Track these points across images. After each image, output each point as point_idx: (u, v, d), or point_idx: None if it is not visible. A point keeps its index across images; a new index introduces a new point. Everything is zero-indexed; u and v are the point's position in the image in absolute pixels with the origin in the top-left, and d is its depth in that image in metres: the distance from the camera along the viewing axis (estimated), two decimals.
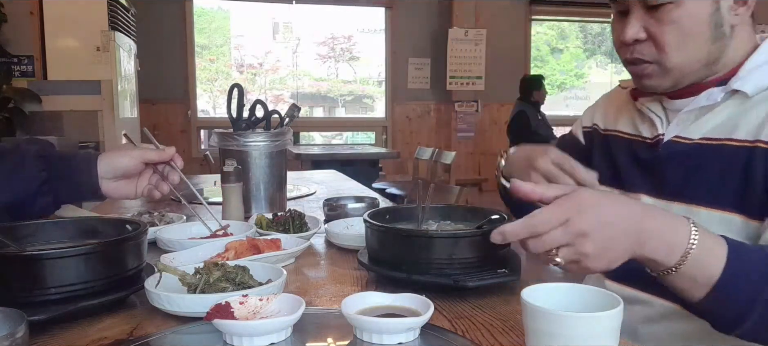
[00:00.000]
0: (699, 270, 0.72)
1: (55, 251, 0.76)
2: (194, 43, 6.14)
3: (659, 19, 0.88)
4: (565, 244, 0.69)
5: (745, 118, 0.88)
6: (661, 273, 0.74)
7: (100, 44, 4.15)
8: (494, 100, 6.67)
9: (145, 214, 1.40)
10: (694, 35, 0.88)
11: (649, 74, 0.93)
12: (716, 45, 0.89)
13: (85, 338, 0.71)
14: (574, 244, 0.69)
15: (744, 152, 0.86)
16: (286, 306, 0.72)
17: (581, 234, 0.69)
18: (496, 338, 0.72)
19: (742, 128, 0.88)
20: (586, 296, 0.63)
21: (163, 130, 6.01)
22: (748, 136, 0.87)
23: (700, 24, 0.87)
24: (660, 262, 0.73)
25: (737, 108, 0.90)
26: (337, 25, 6.76)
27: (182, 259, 0.96)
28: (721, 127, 0.90)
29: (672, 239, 0.72)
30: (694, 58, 0.89)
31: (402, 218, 1.02)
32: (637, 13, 0.90)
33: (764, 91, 0.88)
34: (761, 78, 0.88)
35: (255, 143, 1.51)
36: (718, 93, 0.90)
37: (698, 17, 0.87)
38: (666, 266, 0.73)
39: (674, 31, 0.88)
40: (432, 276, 0.85)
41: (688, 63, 0.90)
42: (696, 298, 0.75)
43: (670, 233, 0.72)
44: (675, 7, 0.87)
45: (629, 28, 0.90)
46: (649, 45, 0.90)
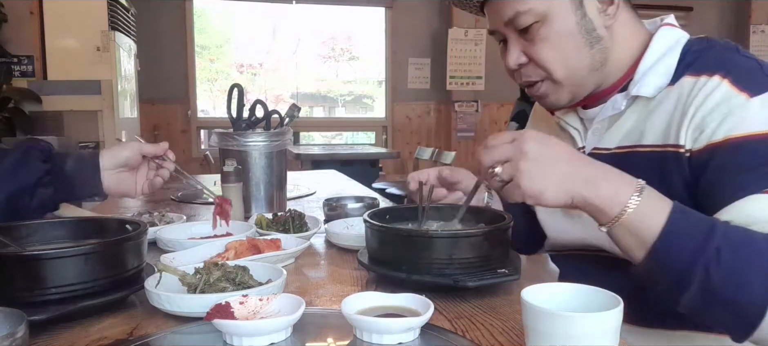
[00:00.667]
0: (639, 225, 0.73)
1: (55, 251, 0.76)
2: (194, 43, 6.13)
3: (532, 40, 0.90)
4: (506, 159, 0.75)
5: (650, 122, 0.88)
6: (606, 226, 0.75)
7: (100, 44, 4.15)
8: (494, 100, 6.66)
9: (145, 214, 1.40)
10: (568, 47, 0.89)
11: (545, 93, 0.95)
12: (596, 49, 0.90)
13: (85, 338, 0.71)
14: (514, 159, 0.74)
15: (655, 157, 0.87)
16: (286, 306, 0.72)
17: (523, 152, 0.74)
18: (496, 338, 0.72)
19: (649, 133, 0.88)
20: (586, 296, 0.63)
21: (163, 130, 6.00)
22: (656, 141, 0.87)
23: (571, 35, 0.88)
24: (604, 209, 0.74)
25: (642, 112, 0.90)
26: (337, 25, 6.76)
27: (182, 259, 0.96)
28: (631, 134, 0.91)
29: (617, 187, 0.74)
30: (578, 67, 0.90)
31: (402, 218, 1.02)
32: (512, 39, 0.92)
33: (663, 89, 0.88)
34: (656, 78, 0.88)
35: (255, 143, 1.51)
36: (621, 100, 0.91)
37: (566, 29, 0.88)
38: (610, 214, 0.74)
39: (548, 47, 0.89)
40: (432, 276, 0.85)
41: (575, 73, 0.91)
42: (637, 259, 0.76)
43: (616, 182, 0.75)
44: (541, 26, 0.88)
45: (509, 55, 0.93)
46: (533, 66, 0.92)
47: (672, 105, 0.86)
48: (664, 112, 0.87)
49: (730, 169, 0.78)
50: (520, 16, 0.88)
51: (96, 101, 4.12)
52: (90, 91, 4.11)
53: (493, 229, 0.88)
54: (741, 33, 6.91)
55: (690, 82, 0.85)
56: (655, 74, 0.88)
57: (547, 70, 0.91)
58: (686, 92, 0.85)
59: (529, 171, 0.74)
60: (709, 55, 0.86)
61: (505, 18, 0.90)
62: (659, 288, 0.77)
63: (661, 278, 0.75)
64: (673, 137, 0.85)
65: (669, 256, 0.73)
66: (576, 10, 0.88)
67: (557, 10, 0.87)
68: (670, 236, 0.72)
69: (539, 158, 0.74)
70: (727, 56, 0.85)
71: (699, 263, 0.71)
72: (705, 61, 0.86)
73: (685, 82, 0.86)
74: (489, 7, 0.94)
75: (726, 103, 0.80)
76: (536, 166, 0.74)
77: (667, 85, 0.88)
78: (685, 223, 0.73)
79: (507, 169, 0.75)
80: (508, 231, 0.92)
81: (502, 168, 0.75)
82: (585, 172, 0.75)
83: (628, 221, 0.73)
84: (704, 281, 0.71)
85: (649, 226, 0.73)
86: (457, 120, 6.58)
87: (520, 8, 0.88)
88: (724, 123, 0.79)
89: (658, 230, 0.73)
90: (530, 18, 0.88)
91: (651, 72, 0.89)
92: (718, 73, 0.82)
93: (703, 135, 0.81)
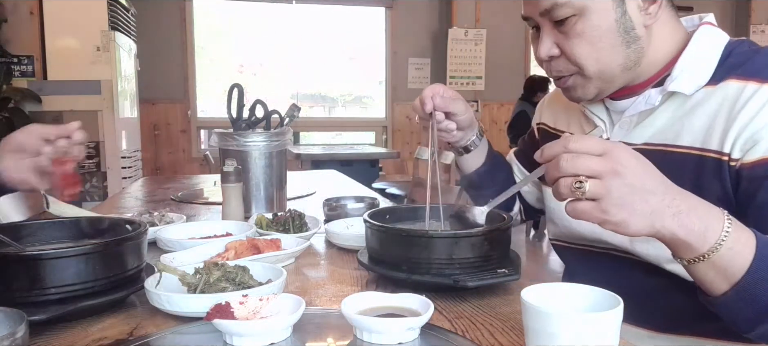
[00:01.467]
0: (728, 262, 0.69)
1: (55, 251, 0.76)
2: (194, 43, 6.13)
3: (566, 34, 0.87)
4: (595, 175, 0.65)
5: (689, 122, 0.86)
6: (689, 261, 0.70)
7: (100, 44, 4.15)
8: (494, 100, 6.67)
9: (145, 214, 1.40)
10: (604, 44, 0.86)
11: (573, 86, 0.92)
12: (632, 48, 0.87)
13: (86, 338, 0.71)
14: (604, 178, 0.65)
15: (692, 159, 0.84)
16: (286, 306, 0.72)
17: (616, 171, 0.65)
18: (496, 338, 0.72)
19: (686, 133, 0.85)
20: (586, 296, 0.63)
21: (163, 130, 6.01)
22: (694, 143, 0.84)
23: (608, 32, 0.85)
24: (692, 245, 0.68)
25: (678, 110, 0.87)
26: (337, 25, 6.76)
27: (182, 259, 0.96)
28: (665, 132, 0.88)
29: (707, 221, 0.68)
30: (611, 65, 0.87)
31: (402, 218, 1.02)
32: (546, 29, 0.89)
33: (702, 88, 0.85)
34: (696, 75, 0.85)
35: (255, 143, 1.51)
36: (656, 96, 0.88)
37: (604, 26, 0.85)
38: (698, 251, 0.68)
39: (583, 43, 0.86)
40: (432, 276, 0.85)
41: (607, 70, 0.88)
42: (719, 292, 0.71)
43: (705, 215, 0.69)
44: (578, 20, 0.85)
45: (541, 45, 0.90)
46: (564, 60, 0.89)
47: (714, 108, 0.83)
48: (704, 113, 0.84)
49: None
50: (557, 7, 0.85)
51: (96, 101, 4.13)
52: (90, 91, 4.11)
53: (493, 229, 0.88)
54: (741, 33, 6.91)
55: (737, 87, 0.82)
56: (695, 72, 0.85)
57: (580, 65, 0.88)
58: (732, 97, 0.82)
59: (620, 197, 0.65)
60: (757, 61, 0.83)
61: (541, 7, 0.87)
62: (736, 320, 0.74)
63: (742, 311, 0.72)
64: (716, 143, 0.82)
65: (756, 292, 0.69)
66: (617, 6, 0.84)
67: (597, 5, 0.84)
68: (759, 272, 0.69)
69: (635, 185, 0.65)
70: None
71: None
72: (753, 67, 0.82)
73: (731, 86, 0.83)
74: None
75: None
76: (630, 193, 0.65)
77: (706, 85, 0.85)
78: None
79: (594, 187, 0.65)
80: (509, 231, 0.92)
81: (589, 184, 0.65)
82: (677, 203, 0.67)
83: (718, 257, 0.68)
84: None
85: (737, 263, 0.69)
86: None
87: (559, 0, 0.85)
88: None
89: (746, 267, 0.69)
90: (568, 10, 0.85)
91: (690, 69, 0.86)
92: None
93: (758, 147, 0.78)
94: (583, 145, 0.66)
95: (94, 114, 4.14)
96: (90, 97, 4.12)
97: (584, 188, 0.65)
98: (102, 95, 4.14)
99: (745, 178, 0.79)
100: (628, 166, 0.65)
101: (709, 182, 0.82)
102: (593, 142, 0.67)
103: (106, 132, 4.18)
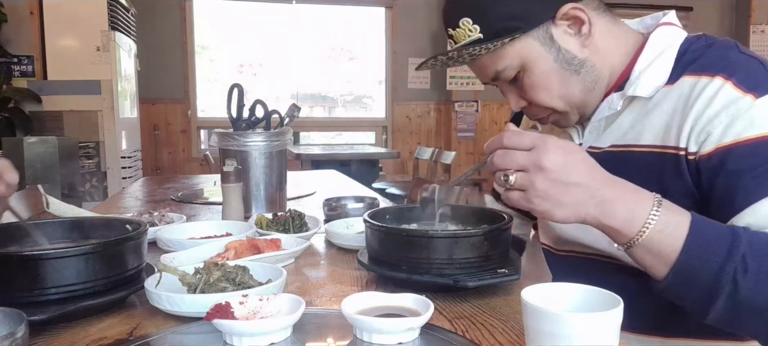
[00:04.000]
0: (659, 244, 0.72)
1: (55, 251, 0.76)
2: (194, 43, 6.13)
3: (522, 88, 0.92)
4: (522, 168, 0.72)
5: (649, 122, 0.88)
6: (624, 246, 0.75)
7: (100, 44, 4.15)
8: (494, 100, 6.66)
9: (145, 214, 1.40)
10: (556, 83, 0.90)
11: (555, 121, 0.97)
12: (582, 73, 0.90)
13: (85, 338, 0.71)
14: (530, 172, 0.72)
15: (653, 158, 0.86)
16: (286, 306, 0.72)
17: (539, 166, 0.71)
18: (496, 338, 0.72)
19: (647, 133, 0.87)
20: (586, 296, 0.63)
21: (163, 130, 6.01)
22: (654, 141, 0.86)
23: (553, 73, 0.89)
24: (619, 231, 0.73)
25: (639, 112, 0.89)
26: (337, 25, 6.76)
27: (182, 259, 0.96)
28: (628, 134, 0.90)
29: (633, 207, 0.72)
30: (572, 94, 0.91)
31: (402, 218, 1.02)
32: (507, 89, 0.95)
33: (661, 89, 0.87)
34: (653, 77, 0.87)
35: (255, 143, 1.51)
36: (617, 100, 0.90)
37: (546, 70, 0.89)
38: (627, 236, 0.73)
39: (538, 90, 0.91)
40: (432, 276, 0.85)
41: (572, 100, 0.92)
42: (660, 275, 0.74)
43: (632, 202, 0.73)
44: (524, 75, 0.90)
45: (511, 102, 0.95)
46: (535, 107, 0.94)
47: (671, 106, 0.85)
48: (662, 112, 0.86)
49: (744, 172, 0.77)
50: (500, 73, 0.91)
51: (96, 101, 4.13)
52: (90, 91, 4.11)
53: (493, 229, 0.88)
54: (741, 33, 6.91)
55: (690, 83, 0.84)
56: (652, 74, 0.87)
57: (548, 108, 0.93)
58: (686, 93, 0.84)
59: (543, 190, 0.72)
60: (709, 55, 0.85)
61: (489, 76, 0.93)
62: (685, 303, 0.76)
63: (686, 293, 0.74)
64: (673, 139, 0.84)
65: (693, 270, 0.71)
66: (550, 48, 0.88)
67: (533, 56, 0.88)
68: (693, 250, 0.71)
69: (557, 179, 0.71)
70: (728, 55, 0.84)
71: (726, 274, 0.70)
72: (705, 61, 0.84)
73: (685, 83, 0.85)
74: (472, 67, 0.95)
75: (733, 105, 0.78)
76: (551, 186, 0.71)
77: (665, 85, 0.87)
78: (707, 235, 0.72)
79: (520, 179, 0.73)
80: (508, 231, 0.92)
81: (515, 177, 0.73)
82: (601, 193, 0.72)
83: (647, 241, 0.72)
84: (732, 292, 0.70)
85: (669, 243, 0.72)
86: (457, 120, 6.58)
87: (498, 67, 0.90)
88: (732, 126, 0.78)
89: (679, 246, 0.71)
90: (511, 72, 0.90)
91: (647, 72, 0.88)
92: (720, 74, 0.81)
93: (711, 139, 0.79)
94: (515, 140, 0.74)
95: (94, 114, 4.14)
96: (90, 97, 4.12)
97: (511, 180, 0.73)
98: (102, 95, 4.14)
99: (703, 170, 0.81)
100: (552, 160, 0.71)
101: (671, 179, 0.84)
102: (525, 138, 0.73)
103: (106, 132, 4.18)
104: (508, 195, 0.75)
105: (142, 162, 5.17)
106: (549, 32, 0.87)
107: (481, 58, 0.90)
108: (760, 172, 0.76)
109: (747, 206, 0.76)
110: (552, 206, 0.72)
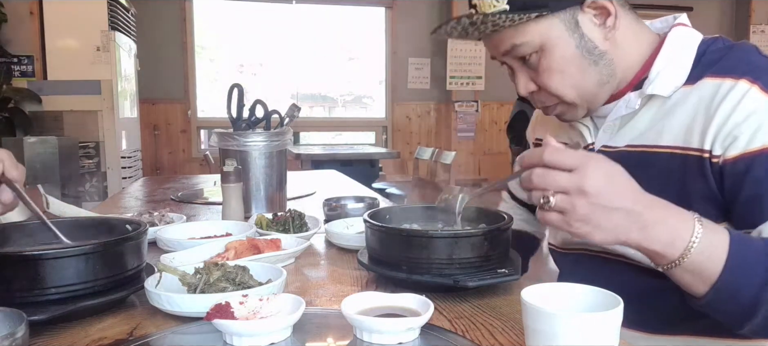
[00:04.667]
0: (701, 265, 0.71)
1: (55, 251, 0.76)
2: (194, 43, 6.14)
3: (536, 70, 0.89)
4: (563, 190, 0.69)
5: (668, 123, 0.87)
6: (664, 267, 0.74)
7: (100, 44, 4.16)
8: (494, 100, 6.67)
9: (145, 214, 1.40)
10: (572, 70, 0.88)
11: (561, 113, 0.95)
12: (601, 64, 0.88)
13: (85, 338, 0.71)
14: (571, 194, 0.69)
15: (675, 159, 0.85)
16: (286, 306, 0.72)
17: (582, 190, 0.68)
18: (496, 338, 0.72)
19: (667, 133, 0.87)
20: (586, 296, 0.63)
21: (163, 130, 6.01)
22: (675, 142, 0.85)
23: (573, 59, 0.87)
24: (662, 253, 0.72)
25: (658, 112, 0.89)
26: (337, 25, 6.76)
27: (182, 259, 0.96)
28: (646, 134, 0.89)
29: (676, 230, 0.71)
30: (587, 86, 0.89)
31: (402, 218, 1.02)
32: (518, 68, 0.92)
33: (680, 89, 0.86)
34: (672, 77, 0.87)
35: (255, 143, 1.51)
36: (635, 99, 0.89)
37: (566, 55, 0.87)
38: (668, 259, 0.72)
39: (553, 75, 0.88)
40: (432, 276, 0.84)
41: (585, 92, 0.90)
42: (699, 293, 0.74)
43: (674, 224, 0.71)
44: (541, 56, 0.87)
45: (518, 83, 0.92)
46: (545, 93, 0.92)
47: (693, 107, 0.84)
48: (683, 113, 0.85)
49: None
50: (517, 47, 0.88)
51: (96, 101, 4.13)
52: (90, 91, 4.12)
53: (493, 229, 0.88)
54: (741, 33, 6.91)
55: (713, 85, 0.83)
56: (671, 73, 0.87)
57: (558, 95, 0.90)
58: (709, 95, 0.83)
59: (584, 215, 0.69)
60: (731, 57, 0.84)
61: (502, 49, 0.90)
62: (722, 318, 0.76)
63: (725, 309, 0.75)
64: (696, 141, 0.83)
65: (733, 290, 0.72)
66: (573, 33, 0.86)
67: (554, 38, 0.86)
68: (733, 270, 0.71)
69: (599, 203, 0.68)
70: (751, 59, 0.84)
71: (764, 293, 0.70)
72: (727, 63, 0.84)
73: (707, 84, 0.84)
74: (485, 40, 0.92)
75: (761, 110, 0.78)
76: (593, 211, 0.69)
77: (683, 85, 0.86)
78: (746, 254, 0.72)
79: (561, 201, 0.69)
80: (508, 231, 0.92)
81: (556, 199, 0.69)
82: (644, 217, 0.70)
83: (689, 263, 0.71)
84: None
85: (710, 266, 0.72)
86: (457, 120, 6.58)
87: (517, 41, 0.87)
88: (760, 131, 0.77)
89: (720, 267, 0.71)
90: (528, 49, 0.87)
91: (666, 71, 0.87)
92: (744, 77, 0.80)
93: (737, 143, 0.79)
94: (557, 158, 0.69)
95: (94, 114, 4.14)
96: (90, 97, 4.12)
97: (551, 203, 0.69)
98: (102, 95, 4.14)
99: (728, 174, 0.80)
100: (595, 184, 0.68)
101: (694, 180, 0.83)
102: (567, 156, 0.69)
103: (106, 132, 4.19)
104: (545, 216, 0.71)
105: (142, 162, 5.17)
106: (575, 17, 0.86)
107: (503, 30, 0.87)
108: None
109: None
110: (592, 230, 0.70)
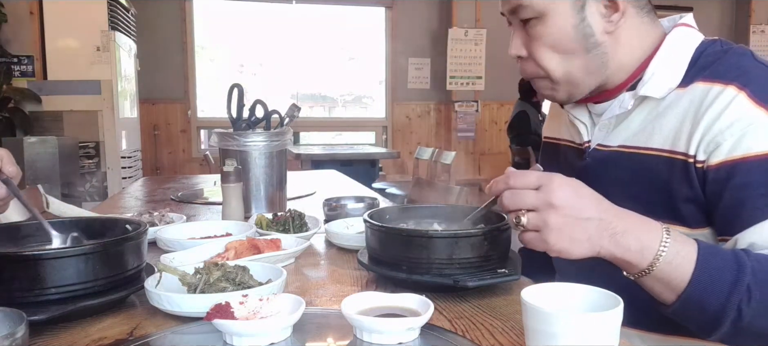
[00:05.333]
0: (668, 275, 0.73)
1: (55, 251, 0.76)
2: (194, 43, 6.13)
3: (531, 36, 0.90)
4: (533, 208, 0.72)
5: (659, 125, 0.87)
6: (634, 275, 0.75)
7: (100, 44, 4.15)
8: (494, 100, 6.67)
9: (145, 214, 1.40)
10: (563, 48, 0.88)
11: (543, 88, 0.95)
12: (592, 54, 0.88)
13: (86, 338, 0.71)
14: (541, 211, 0.71)
15: (662, 162, 0.85)
16: (286, 306, 0.72)
17: (551, 204, 0.71)
18: (496, 338, 0.72)
19: (657, 136, 0.87)
20: (586, 296, 0.63)
21: (163, 130, 6.01)
22: (664, 145, 0.86)
23: (566, 36, 0.87)
24: (632, 262, 0.73)
25: (651, 113, 0.88)
26: (337, 25, 6.76)
27: (182, 259, 0.96)
28: (638, 135, 0.90)
29: (645, 239, 0.73)
30: (572, 69, 0.89)
31: (402, 218, 1.02)
32: (516, 27, 0.92)
33: (674, 90, 0.86)
34: (666, 79, 0.86)
35: (255, 143, 1.51)
36: (629, 99, 0.89)
37: (562, 31, 0.87)
38: (638, 267, 0.73)
39: (543, 46, 0.89)
40: (432, 276, 0.85)
41: (571, 75, 0.90)
42: (668, 302, 0.76)
43: (643, 233, 0.73)
44: (539, 23, 0.87)
45: (512, 45, 0.93)
46: (532, 63, 0.92)
47: (683, 110, 0.84)
48: (673, 116, 0.85)
49: (752, 188, 0.77)
50: (520, 8, 0.88)
51: (96, 101, 4.13)
52: (90, 91, 4.12)
53: (493, 229, 0.88)
54: (741, 33, 6.91)
55: (703, 89, 0.83)
56: (665, 75, 0.86)
57: (544, 69, 0.90)
58: (698, 99, 0.83)
59: (558, 228, 0.71)
60: (724, 61, 0.84)
61: (509, 6, 0.90)
62: (690, 326, 0.77)
63: (692, 318, 0.76)
64: (682, 145, 0.83)
65: (700, 300, 0.73)
66: (576, 12, 0.86)
67: (556, 9, 0.86)
68: (700, 281, 0.72)
69: (569, 215, 0.71)
70: (743, 64, 0.83)
71: (731, 304, 0.71)
72: (719, 68, 0.83)
73: (698, 88, 0.83)
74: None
75: (746, 118, 0.78)
76: (564, 223, 0.71)
77: (677, 87, 0.86)
78: (714, 265, 0.73)
79: (533, 219, 0.72)
80: (509, 231, 0.92)
81: (528, 218, 0.72)
82: (613, 225, 0.73)
83: (658, 272, 0.73)
84: (736, 320, 0.72)
85: (677, 275, 0.73)
86: (457, 120, 6.58)
87: (523, 1, 0.87)
88: (743, 139, 0.77)
89: (687, 277, 0.72)
90: (529, 12, 0.87)
91: (660, 72, 0.87)
92: (734, 83, 0.80)
93: (720, 150, 0.79)
94: (520, 180, 0.73)
95: (94, 114, 4.14)
96: (90, 97, 4.12)
97: (523, 222, 0.72)
98: (102, 95, 4.14)
99: (711, 180, 0.81)
100: (562, 196, 0.71)
101: (679, 184, 0.83)
102: (530, 177, 0.73)
103: (106, 132, 4.18)
104: (523, 237, 0.75)
105: (142, 162, 5.17)
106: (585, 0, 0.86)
107: None
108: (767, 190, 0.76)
109: (752, 224, 0.77)
110: (569, 244, 0.72)
